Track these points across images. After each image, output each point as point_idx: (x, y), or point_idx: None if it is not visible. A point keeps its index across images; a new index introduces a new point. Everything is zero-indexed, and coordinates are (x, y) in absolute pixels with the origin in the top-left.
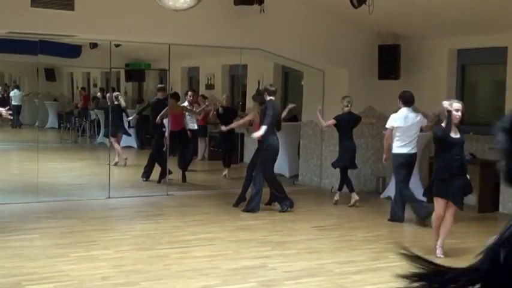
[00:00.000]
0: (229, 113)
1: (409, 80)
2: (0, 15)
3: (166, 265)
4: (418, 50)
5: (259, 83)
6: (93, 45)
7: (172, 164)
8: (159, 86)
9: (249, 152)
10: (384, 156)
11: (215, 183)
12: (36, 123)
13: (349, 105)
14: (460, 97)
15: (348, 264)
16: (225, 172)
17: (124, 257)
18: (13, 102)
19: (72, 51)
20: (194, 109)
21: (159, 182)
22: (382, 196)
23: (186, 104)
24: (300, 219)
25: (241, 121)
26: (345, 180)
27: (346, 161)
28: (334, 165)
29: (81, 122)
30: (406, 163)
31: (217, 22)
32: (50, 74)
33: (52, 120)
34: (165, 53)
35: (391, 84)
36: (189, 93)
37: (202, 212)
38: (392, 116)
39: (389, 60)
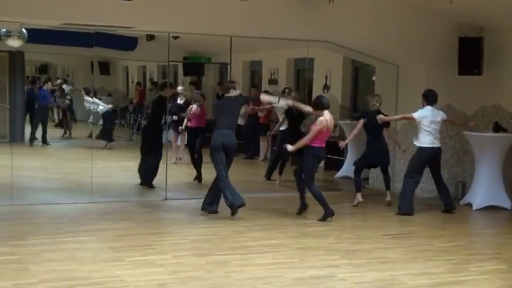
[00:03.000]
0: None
1: (493, 76)
2: (55, 6)
3: (227, 272)
4: (503, 42)
5: (326, 78)
6: (150, 37)
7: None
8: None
9: None
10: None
11: (278, 186)
12: (90, 119)
13: (377, 104)
14: None
15: (424, 276)
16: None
17: (182, 263)
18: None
19: (128, 43)
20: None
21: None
22: (461, 202)
23: None
24: (370, 226)
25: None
26: (356, 179)
27: (376, 160)
28: (357, 163)
29: (136, 119)
30: (433, 158)
31: (282, 12)
32: (105, 68)
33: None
34: (226, 46)
35: (473, 80)
36: (252, 90)
37: (265, 216)
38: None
39: (470, 54)
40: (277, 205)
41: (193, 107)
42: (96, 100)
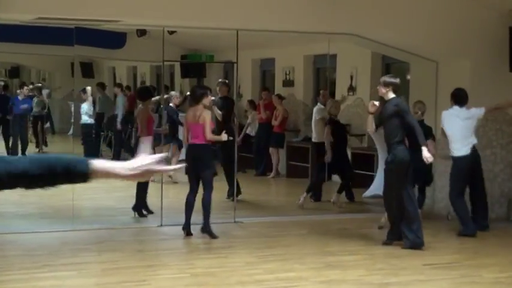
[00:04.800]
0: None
1: None
2: None
3: None
4: None
5: (352, 78)
6: (141, 33)
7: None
8: (220, 81)
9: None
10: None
11: (295, 207)
12: (70, 132)
13: (419, 112)
14: None
15: None
16: (333, 199)
17: None
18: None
19: (115, 40)
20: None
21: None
22: None
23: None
24: (407, 254)
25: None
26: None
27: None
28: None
29: (125, 129)
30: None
31: (298, 1)
32: (87, 69)
33: None
34: (231, 42)
35: None
36: (263, 94)
37: (281, 244)
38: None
39: None
40: (294, 230)
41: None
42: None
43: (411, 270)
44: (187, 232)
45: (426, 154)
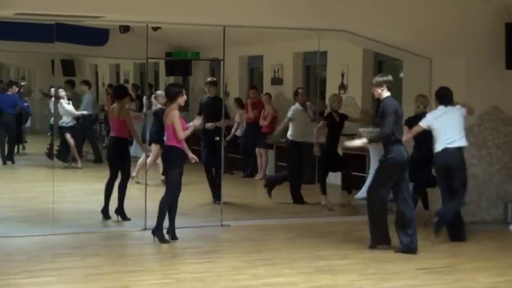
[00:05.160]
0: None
1: None
2: None
3: None
4: None
5: (343, 76)
6: (125, 29)
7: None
8: (209, 79)
9: None
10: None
11: (283, 210)
12: (50, 132)
13: (421, 106)
14: None
15: None
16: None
17: None
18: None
19: (97, 37)
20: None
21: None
22: None
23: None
24: (400, 258)
25: None
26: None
27: (422, 175)
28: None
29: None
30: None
31: None
32: (68, 67)
33: None
34: (218, 39)
35: None
36: (251, 92)
37: (269, 248)
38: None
39: None
40: (283, 234)
41: None
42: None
43: (404, 274)
44: (172, 236)
45: (358, 142)
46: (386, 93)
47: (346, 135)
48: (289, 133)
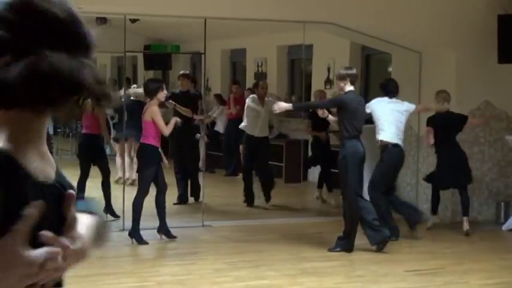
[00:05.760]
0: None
1: None
2: None
3: None
4: None
5: (329, 70)
6: (101, 21)
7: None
8: (182, 72)
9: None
10: None
11: (265, 210)
12: None
13: (446, 102)
14: None
15: None
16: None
17: None
18: None
19: None
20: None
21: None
22: (504, 228)
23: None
24: (388, 259)
25: None
26: (434, 199)
27: (450, 177)
28: (431, 180)
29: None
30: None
31: None
32: None
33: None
34: (199, 31)
35: None
36: (233, 87)
37: (252, 249)
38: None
39: None
40: (266, 235)
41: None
42: None
43: (392, 277)
44: (166, 235)
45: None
46: (348, 88)
47: (333, 132)
48: (241, 124)
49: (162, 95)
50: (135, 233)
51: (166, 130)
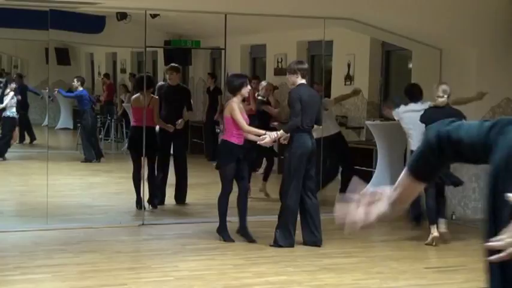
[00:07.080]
0: None
1: None
2: None
3: None
4: None
5: (349, 66)
6: (122, 16)
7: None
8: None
9: None
10: None
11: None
12: (45, 122)
13: (445, 96)
14: None
15: None
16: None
17: None
18: None
19: (93, 24)
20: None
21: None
22: None
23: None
24: (407, 256)
25: None
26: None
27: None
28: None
29: (104, 121)
30: None
31: None
32: (63, 56)
33: (65, 119)
34: (219, 27)
35: None
36: (252, 82)
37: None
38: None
39: None
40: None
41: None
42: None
43: (412, 274)
44: (243, 236)
45: (273, 136)
46: (300, 81)
47: (352, 128)
48: None
49: (246, 90)
50: (221, 231)
51: (246, 126)
